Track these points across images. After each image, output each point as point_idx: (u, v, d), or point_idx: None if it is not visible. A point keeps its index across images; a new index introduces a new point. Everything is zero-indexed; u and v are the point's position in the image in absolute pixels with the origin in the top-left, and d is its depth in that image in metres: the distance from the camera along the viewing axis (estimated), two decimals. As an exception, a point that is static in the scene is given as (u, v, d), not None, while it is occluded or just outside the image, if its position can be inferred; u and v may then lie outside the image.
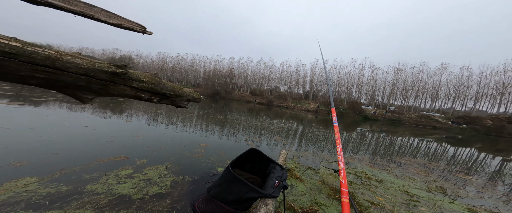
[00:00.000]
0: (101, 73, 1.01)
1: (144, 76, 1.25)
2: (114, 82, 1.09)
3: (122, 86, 1.13)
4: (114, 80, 1.08)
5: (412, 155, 5.56)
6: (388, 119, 25.65)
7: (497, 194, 2.94)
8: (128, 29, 1.17)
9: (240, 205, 1.33)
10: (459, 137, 14.33)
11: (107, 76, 1.04)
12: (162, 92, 1.38)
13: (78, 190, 1.84)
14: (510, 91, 31.64)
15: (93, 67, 0.98)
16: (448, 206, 2.28)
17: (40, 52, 0.82)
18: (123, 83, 1.13)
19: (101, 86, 1.05)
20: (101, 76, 1.02)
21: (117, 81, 1.10)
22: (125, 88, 1.15)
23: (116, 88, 1.12)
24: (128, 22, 1.15)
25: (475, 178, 3.80)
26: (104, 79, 1.04)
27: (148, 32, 1.27)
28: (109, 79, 1.06)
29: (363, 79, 43.57)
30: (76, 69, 0.93)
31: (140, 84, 1.21)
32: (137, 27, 1.19)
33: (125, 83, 1.14)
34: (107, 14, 1.08)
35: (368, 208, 1.97)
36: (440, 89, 37.43)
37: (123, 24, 1.13)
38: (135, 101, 11.06)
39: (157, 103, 1.38)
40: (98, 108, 6.91)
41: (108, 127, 4.36)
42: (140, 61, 67.38)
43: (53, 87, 0.95)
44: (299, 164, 3.29)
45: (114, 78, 1.07)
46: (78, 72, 0.94)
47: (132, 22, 1.18)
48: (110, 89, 1.09)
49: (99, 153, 2.78)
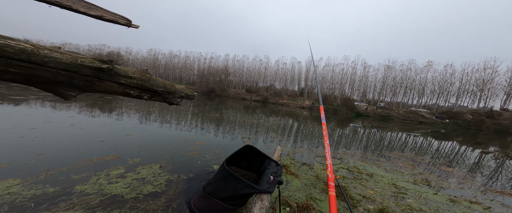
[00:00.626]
0: (85, 69, 0.96)
1: (132, 72, 1.20)
2: (99, 78, 1.04)
3: (109, 83, 1.08)
4: (99, 76, 1.03)
5: (400, 149, 5.83)
6: (378, 115, 26.64)
7: (476, 185, 3.17)
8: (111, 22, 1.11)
9: (236, 201, 1.34)
10: (442, 131, 15.18)
11: (91, 72, 0.98)
12: (153, 88, 1.34)
13: (66, 191, 1.77)
14: (489, 87, 33.88)
15: (75, 62, 0.92)
16: (432, 197, 2.42)
17: (14, 45, 0.76)
18: (110, 79, 1.08)
19: (85, 82, 0.99)
20: (85, 72, 0.96)
21: (103, 77, 1.05)
22: (112, 84, 1.10)
23: (103, 85, 1.06)
24: (110, 14, 1.09)
25: (456, 170, 4.06)
26: (89, 75, 0.98)
27: (133, 26, 1.21)
28: (94, 75, 1.01)
29: (355, 76, 44.75)
30: (55, 64, 0.87)
31: (128, 81, 1.16)
32: (121, 19, 1.13)
33: (112, 79, 1.08)
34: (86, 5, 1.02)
35: (360, 201, 2.06)
36: (426, 86, 39.44)
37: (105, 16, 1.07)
38: (125, 99, 10.69)
39: (147, 100, 1.34)
40: (85, 107, 6.61)
41: (97, 126, 4.19)
42: (130, 57, 64.67)
43: (31, 83, 0.88)
44: (294, 160, 3.35)
45: (100, 74, 1.02)
46: (58, 67, 0.88)
47: (115, 14, 1.12)
48: (95, 85, 1.04)
49: (87, 153, 2.68)
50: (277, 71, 53.71)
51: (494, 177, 3.86)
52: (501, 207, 2.37)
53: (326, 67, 47.84)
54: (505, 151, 7.82)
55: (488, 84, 33.99)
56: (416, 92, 40.33)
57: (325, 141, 1.06)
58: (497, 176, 3.93)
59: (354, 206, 1.93)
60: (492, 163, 5.17)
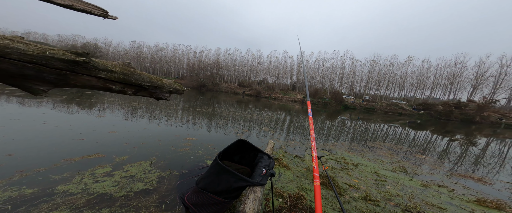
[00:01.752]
0: (56, 61, 0.86)
1: (113, 66, 1.11)
2: (74, 72, 0.95)
3: (86, 77, 0.99)
4: (74, 69, 0.93)
5: (382, 139, 6.29)
6: (364, 108, 28.19)
7: (444, 170, 3.57)
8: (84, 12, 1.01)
9: (230, 194, 1.37)
10: (418, 121, 16.60)
11: (64, 65, 0.89)
12: (137, 83, 1.26)
13: (47, 192, 1.66)
14: (458, 80, 37.32)
15: (43, 54, 0.82)
16: (408, 183, 2.70)
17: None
18: (87, 73, 0.99)
19: (57, 76, 0.90)
20: (56, 65, 0.87)
21: (78, 71, 0.95)
22: (90, 78, 1.01)
23: (79, 79, 0.97)
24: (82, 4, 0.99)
25: (428, 157, 4.52)
26: (61, 68, 0.89)
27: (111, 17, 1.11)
28: (68, 69, 0.91)
29: (344, 71, 46.56)
30: (19, 55, 0.77)
31: (109, 75, 1.08)
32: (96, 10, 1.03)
33: (89, 73, 0.99)
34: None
35: (346, 190, 2.23)
36: (406, 80, 42.26)
37: (76, 5, 0.96)
38: (107, 94, 10.00)
39: (132, 95, 1.27)
40: (60, 103, 6.07)
41: (75, 123, 3.90)
42: (110, 50, 59.01)
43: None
44: (286, 153, 3.46)
45: (74, 67, 0.93)
46: (22, 60, 0.78)
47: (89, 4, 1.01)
48: (70, 79, 0.95)
49: (67, 152, 2.51)
50: (270, 65, 53.46)
51: (458, 162, 4.37)
52: (463, 189, 2.72)
53: (317, 62, 48.75)
54: (469, 138, 8.83)
55: (457, 77, 37.43)
56: (397, 85, 43.30)
57: (311, 135, 1.11)
58: (461, 161, 4.45)
59: (341, 195, 2.08)
60: (458, 150, 5.83)
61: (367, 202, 1.98)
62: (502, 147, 7.22)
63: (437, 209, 2.00)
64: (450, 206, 2.11)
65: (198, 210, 1.48)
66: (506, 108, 32.70)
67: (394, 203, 2.01)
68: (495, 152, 5.97)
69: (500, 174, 3.71)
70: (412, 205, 2.00)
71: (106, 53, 53.17)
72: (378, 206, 1.92)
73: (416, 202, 2.12)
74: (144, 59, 58.48)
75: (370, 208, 1.87)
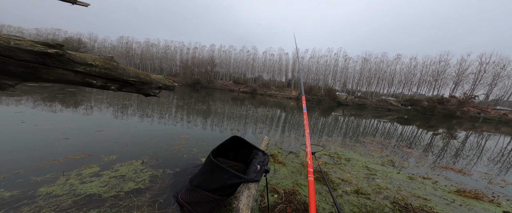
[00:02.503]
0: (23, 53, 0.78)
1: (93, 60, 1.03)
2: (46, 65, 0.86)
3: (60, 70, 0.91)
4: (45, 62, 0.85)
5: (372, 134, 6.53)
6: (355, 104, 29.11)
7: (428, 163, 3.78)
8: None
9: (224, 191, 1.35)
10: (405, 117, 17.40)
11: (33, 57, 0.81)
12: (122, 78, 1.19)
13: (28, 195, 1.56)
14: (442, 77, 39.35)
15: (6, 45, 0.74)
16: (396, 176, 2.83)
17: None
18: (62, 66, 0.91)
19: (25, 70, 0.82)
20: (23, 57, 0.79)
21: (51, 64, 0.87)
22: (65, 72, 0.93)
23: (52, 73, 0.89)
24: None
25: (414, 151, 4.76)
26: (29, 61, 0.81)
27: (80, 3, 1.03)
28: (38, 61, 0.83)
29: (337, 68, 47.60)
30: None
31: (88, 69, 1.00)
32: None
33: (64, 66, 0.91)
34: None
35: (339, 184, 2.29)
36: (395, 77, 43.92)
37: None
38: (94, 92, 9.53)
39: (116, 91, 1.20)
40: (40, 100, 5.69)
41: (58, 122, 3.68)
42: (96, 45, 55.60)
43: None
44: (282, 149, 3.49)
45: (46, 59, 0.85)
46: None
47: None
48: (41, 73, 0.86)
49: (49, 152, 2.36)
50: (265, 62, 53.37)
51: (441, 155, 4.65)
52: (445, 180, 2.90)
53: (312, 59, 49.31)
54: (450, 132, 9.41)
55: (441, 74, 39.52)
56: (387, 82, 44.95)
57: (306, 130, 1.12)
58: (443, 154, 4.74)
59: (334, 189, 2.14)
60: (440, 143, 6.19)
61: (358, 195, 2.05)
62: (480, 140, 7.77)
63: (423, 200, 2.12)
64: (434, 197, 2.25)
65: (193, 208, 1.46)
66: (484, 103, 35.13)
67: (383, 196, 2.11)
68: (473, 145, 6.41)
69: (477, 165, 4.00)
70: (400, 197, 2.10)
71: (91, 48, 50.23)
72: (369, 199, 2.00)
73: (403, 194, 2.23)
74: (133, 55, 56.07)
75: (362, 201, 1.95)
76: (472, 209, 2.02)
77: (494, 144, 6.92)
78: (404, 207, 1.82)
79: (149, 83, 1.41)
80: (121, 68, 1.16)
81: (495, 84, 35.11)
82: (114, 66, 1.11)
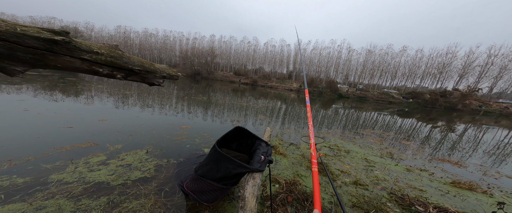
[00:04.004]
0: (30, 40, 0.77)
1: (98, 48, 1.01)
2: (54, 52, 0.86)
3: (67, 58, 0.90)
4: (53, 49, 0.84)
5: (371, 127, 6.59)
6: (357, 96, 28.97)
7: (425, 155, 3.85)
8: None
9: (229, 180, 1.40)
10: (406, 110, 17.41)
11: (40, 44, 0.80)
12: (128, 67, 1.17)
13: (40, 181, 1.63)
14: (447, 70, 38.60)
15: (13, 31, 0.73)
16: (394, 168, 2.90)
17: None
18: (69, 53, 0.90)
19: (33, 56, 0.81)
20: (30, 43, 0.78)
21: (58, 51, 0.86)
22: (73, 60, 0.93)
23: (60, 60, 0.88)
24: None
25: (412, 143, 4.83)
26: (37, 47, 0.80)
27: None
28: (45, 48, 0.82)
29: (340, 60, 46.57)
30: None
31: (94, 57, 0.99)
32: None
33: (71, 54, 0.91)
34: None
35: (339, 176, 2.36)
36: (399, 69, 43.13)
37: None
38: (94, 81, 9.47)
39: (122, 79, 1.19)
40: (41, 89, 5.68)
41: (60, 111, 3.71)
42: (93, 34, 53.86)
43: None
44: (282, 141, 3.54)
45: (53, 47, 0.84)
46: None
47: None
48: (49, 60, 0.86)
49: (55, 140, 2.41)
50: (266, 54, 52.17)
51: (438, 147, 4.72)
52: (441, 172, 2.98)
53: (314, 51, 48.08)
54: (449, 125, 9.47)
55: (446, 67, 38.70)
56: (390, 75, 44.17)
57: (309, 122, 1.12)
58: (441, 147, 4.81)
59: (334, 180, 2.22)
60: (438, 136, 6.26)
61: (357, 186, 2.13)
62: (478, 133, 7.84)
63: (418, 191, 2.20)
64: (430, 188, 2.33)
65: (198, 197, 1.52)
66: (487, 96, 34.83)
67: (380, 187, 2.18)
68: (470, 138, 6.49)
69: (473, 157, 4.08)
70: (397, 188, 2.18)
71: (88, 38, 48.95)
72: (367, 190, 2.07)
73: (400, 185, 2.31)
74: (131, 45, 54.70)
75: (360, 192, 2.02)
76: (465, 200, 2.11)
77: (491, 137, 7.00)
78: (401, 197, 1.90)
79: (154, 72, 1.39)
80: (126, 57, 1.14)
81: (501, 77, 34.50)
82: (119, 55, 1.09)
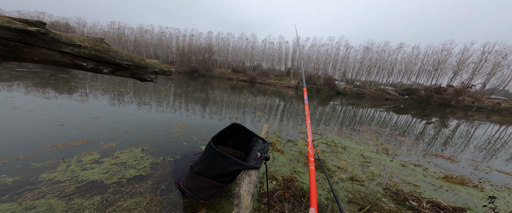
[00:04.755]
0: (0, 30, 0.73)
1: (81, 41, 0.95)
2: (28, 44, 0.80)
3: (44, 50, 0.85)
4: (27, 41, 0.79)
5: (368, 123, 6.66)
6: (354, 93, 29.28)
7: (419, 151, 3.92)
8: None
9: (225, 178, 1.38)
10: (401, 106, 17.67)
11: (12, 35, 0.75)
12: (115, 61, 1.11)
13: (30, 180, 1.58)
14: (442, 67, 39.14)
15: None
16: (389, 164, 2.94)
17: None
18: (46, 46, 0.84)
19: (5, 48, 0.76)
20: (1, 34, 0.73)
21: (33, 43, 0.81)
22: (51, 53, 0.87)
23: (36, 53, 0.83)
24: None
25: (407, 139, 4.91)
26: (8, 38, 0.75)
27: None
28: (18, 40, 0.77)
29: (338, 57, 46.67)
30: None
31: (76, 50, 0.93)
32: None
33: (49, 46, 0.85)
34: None
35: (335, 172, 2.38)
36: (395, 66, 43.52)
37: None
38: (88, 78, 9.25)
39: (109, 74, 1.14)
40: (32, 86, 5.51)
41: (51, 108, 3.61)
42: (85, 30, 52.25)
43: None
44: (280, 138, 3.55)
45: (27, 38, 0.78)
46: None
47: None
48: (23, 52, 0.80)
49: (46, 138, 2.35)
50: (264, 51, 51.81)
51: (432, 143, 4.82)
52: (434, 167, 3.04)
53: (312, 48, 47.93)
54: (443, 120, 9.67)
55: (441, 64, 39.25)
56: (387, 71, 44.59)
57: (307, 120, 1.11)
58: (434, 142, 4.91)
59: (331, 176, 2.23)
60: (432, 131, 6.38)
61: (353, 182, 2.15)
62: (470, 128, 8.04)
63: (412, 187, 2.24)
64: (423, 183, 2.37)
65: (194, 194, 1.51)
66: (480, 92, 35.61)
67: (376, 183, 2.21)
68: (463, 133, 6.64)
69: (465, 152, 4.18)
70: (392, 184, 2.21)
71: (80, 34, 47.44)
72: (363, 186, 2.10)
73: (395, 180, 2.34)
74: (126, 41, 53.41)
75: (356, 187, 2.05)
76: (457, 194, 2.16)
77: (483, 132, 7.18)
78: (395, 193, 1.93)
79: (144, 67, 1.33)
80: (113, 50, 1.08)
81: (494, 73, 35.23)
82: (105, 48, 1.03)
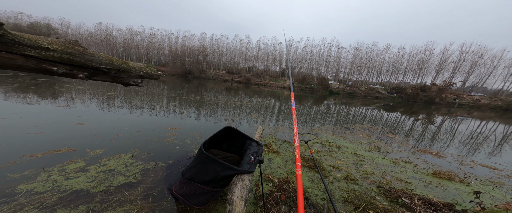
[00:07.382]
0: None
1: (49, 43, 0.87)
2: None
3: (4, 54, 0.76)
4: None
5: (361, 122, 6.83)
6: (346, 92, 30.05)
7: (409, 147, 4.06)
8: None
9: (218, 183, 1.34)
10: (391, 104, 18.35)
11: None
12: (92, 65, 1.03)
13: (6, 193, 1.46)
14: (426, 66, 41.31)
15: None
16: (381, 161, 3.02)
17: None
18: (5, 49, 0.76)
19: None
20: None
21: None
22: (11, 56, 0.77)
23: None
24: None
25: (397, 136, 5.08)
26: None
27: None
28: None
29: (330, 57, 48.09)
30: None
31: (43, 53, 0.84)
32: None
33: (8, 49, 0.76)
34: None
35: (330, 171, 2.40)
36: (383, 66, 45.33)
37: None
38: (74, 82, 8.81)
39: (86, 79, 1.06)
40: (12, 92, 5.16)
41: (28, 115, 3.37)
42: (70, 32, 49.19)
43: None
44: (276, 139, 3.53)
45: None
46: None
47: None
48: None
49: (23, 148, 2.18)
50: (259, 52, 51.96)
51: (420, 139, 5.02)
52: (424, 163, 3.16)
53: (306, 48, 48.83)
54: (429, 117, 10.14)
55: (425, 63, 41.45)
56: (376, 71, 46.35)
57: (294, 125, 1.11)
58: (422, 138, 5.12)
59: (326, 176, 2.24)
60: (420, 128, 6.66)
61: (348, 181, 2.17)
62: (454, 124, 8.48)
63: (404, 184, 2.30)
64: (414, 180, 2.45)
65: (188, 200, 1.45)
66: (461, 89, 37.85)
67: (370, 181, 2.25)
68: (447, 129, 6.98)
69: (450, 147, 4.39)
70: (385, 182, 2.26)
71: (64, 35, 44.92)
72: (357, 185, 2.13)
73: (387, 178, 2.40)
74: (115, 43, 51.25)
75: (351, 187, 2.07)
76: (446, 190, 2.24)
77: (465, 128, 7.60)
78: (388, 190, 1.97)
79: (127, 71, 1.26)
80: (89, 53, 1.01)
81: (472, 72, 37.58)
82: (80, 51, 0.96)
